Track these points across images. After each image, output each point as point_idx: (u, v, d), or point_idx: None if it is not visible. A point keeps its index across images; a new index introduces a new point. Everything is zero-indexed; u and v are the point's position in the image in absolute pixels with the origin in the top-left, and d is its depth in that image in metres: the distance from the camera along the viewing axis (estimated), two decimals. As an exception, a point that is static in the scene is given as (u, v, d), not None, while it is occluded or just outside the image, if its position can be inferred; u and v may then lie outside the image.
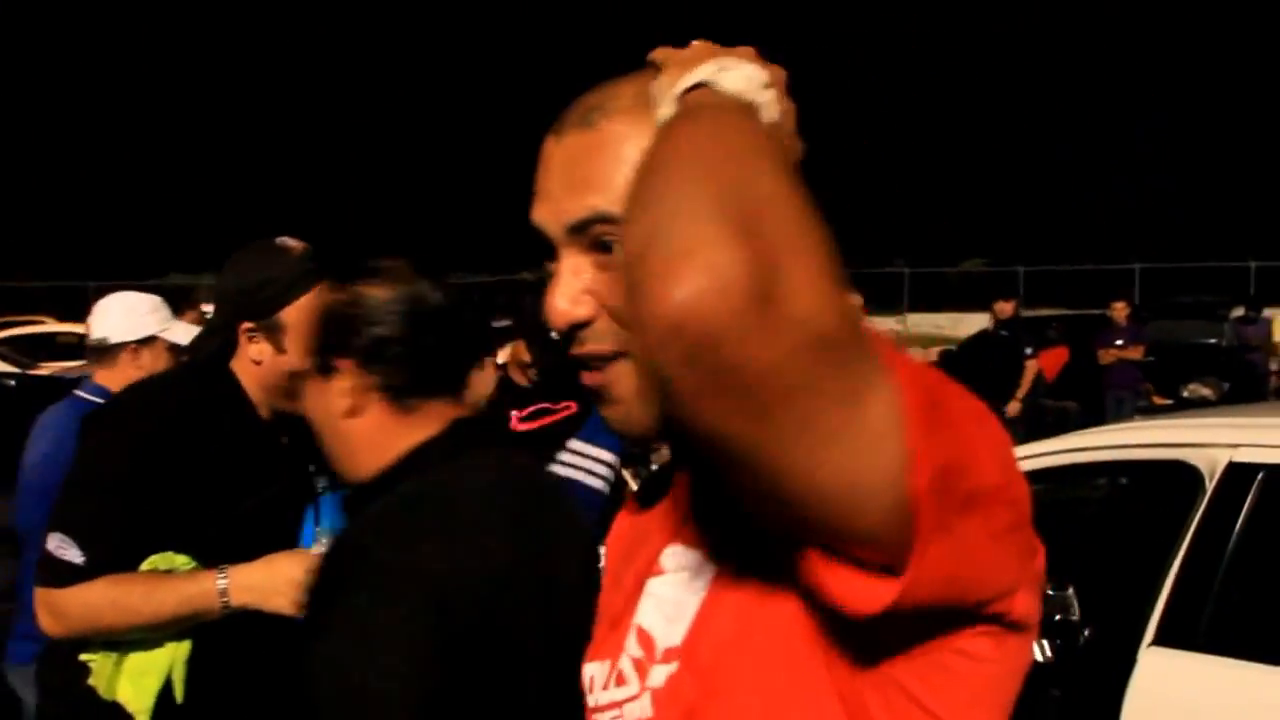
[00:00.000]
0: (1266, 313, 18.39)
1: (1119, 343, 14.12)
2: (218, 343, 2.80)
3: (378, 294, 1.86)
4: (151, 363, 4.27)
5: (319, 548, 2.60)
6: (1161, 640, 3.20)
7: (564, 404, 4.84)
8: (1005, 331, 11.86)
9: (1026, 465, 3.94)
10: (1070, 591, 4.12)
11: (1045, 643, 4.14)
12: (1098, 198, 44.62)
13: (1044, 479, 4.01)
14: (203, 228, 47.64)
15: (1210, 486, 3.30)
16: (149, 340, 4.31)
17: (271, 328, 2.71)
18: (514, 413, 4.80)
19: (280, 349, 2.70)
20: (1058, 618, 4.11)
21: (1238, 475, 3.27)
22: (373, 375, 1.83)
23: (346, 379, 1.84)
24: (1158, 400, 15.18)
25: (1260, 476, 3.24)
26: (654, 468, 4.50)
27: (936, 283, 37.11)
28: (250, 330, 2.72)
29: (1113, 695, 3.20)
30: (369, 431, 1.86)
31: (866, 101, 53.63)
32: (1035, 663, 3.93)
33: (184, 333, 4.32)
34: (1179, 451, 3.50)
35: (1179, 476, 3.43)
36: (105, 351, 4.28)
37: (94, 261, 40.88)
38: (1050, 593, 4.11)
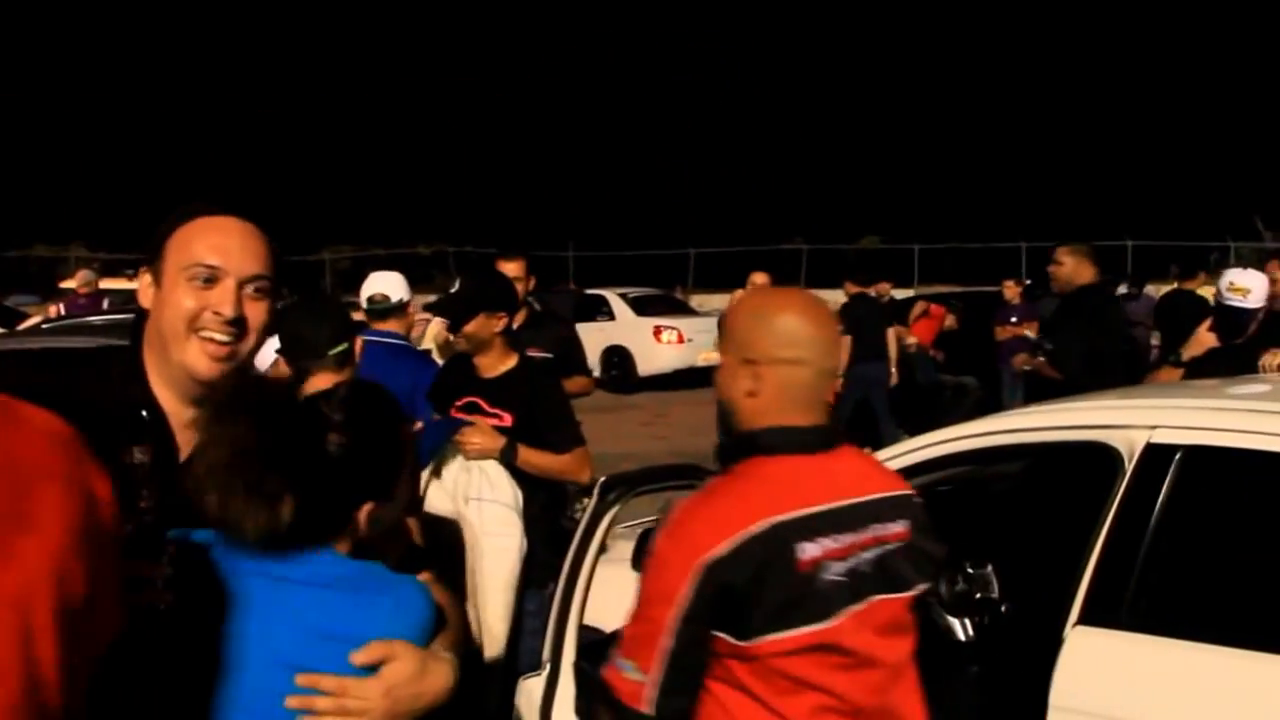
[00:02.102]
0: (1148, 289, 18.78)
1: (1013, 320, 14.43)
2: None
3: None
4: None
5: None
6: (1087, 619, 3.26)
7: (496, 410, 4.83)
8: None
9: (947, 448, 3.99)
10: (989, 569, 4.19)
11: (966, 620, 4.20)
12: (988, 179, 45.21)
13: (963, 461, 4.07)
14: (70, 200, 46.46)
15: (1129, 467, 3.36)
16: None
17: None
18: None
19: None
20: (978, 595, 4.18)
21: (1156, 456, 3.34)
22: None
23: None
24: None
25: (1178, 457, 3.30)
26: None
27: (834, 259, 37.49)
28: None
29: (1040, 674, 3.26)
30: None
31: (767, 81, 53.76)
32: (955, 640, 4.01)
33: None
34: (1098, 433, 3.56)
35: (1098, 457, 3.48)
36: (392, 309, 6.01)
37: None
38: (970, 570, 4.18)
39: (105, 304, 15.00)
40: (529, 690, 3.62)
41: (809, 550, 2.34)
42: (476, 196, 49.82)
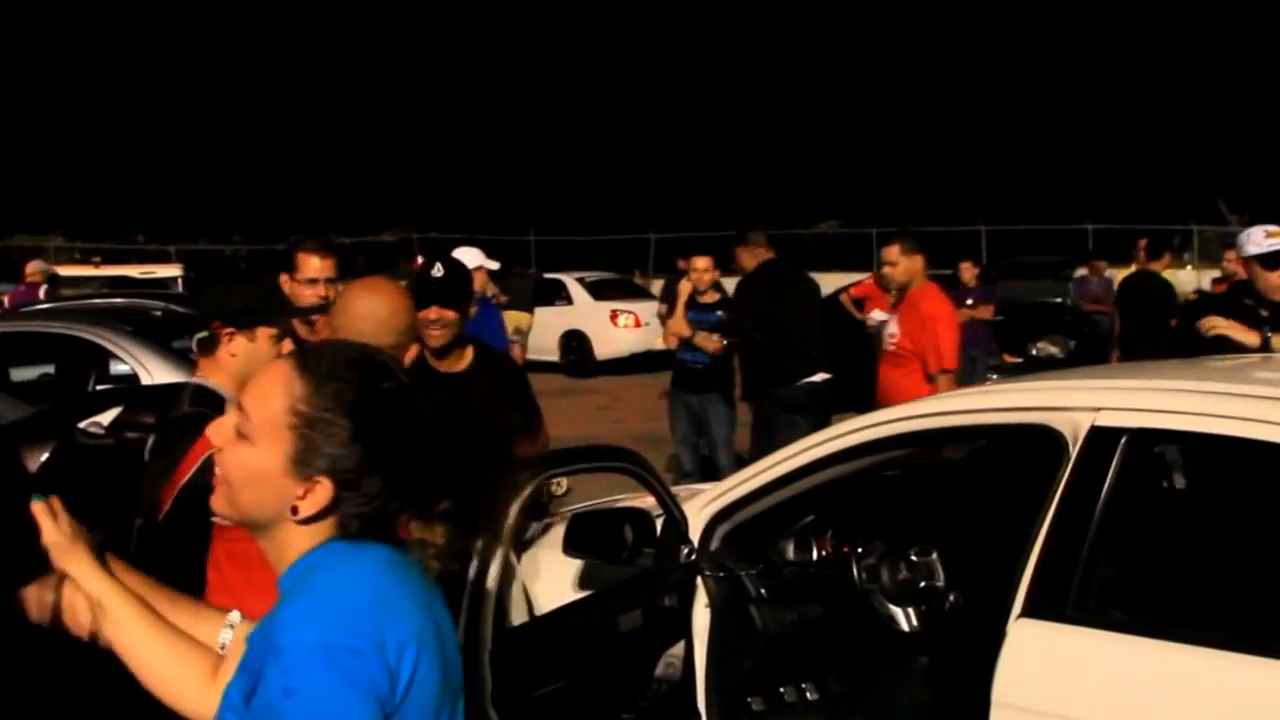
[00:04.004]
0: (1108, 272, 18.71)
1: (970, 302, 14.25)
2: None
3: None
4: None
5: None
6: (1030, 612, 3.11)
7: None
8: None
9: (889, 429, 3.83)
10: (934, 557, 4.05)
11: (910, 610, 4.06)
12: (946, 162, 45.20)
13: (906, 443, 3.91)
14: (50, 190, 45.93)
15: (1074, 452, 3.21)
16: None
17: None
18: None
19: None
20: (922, 584, 4.04)
21: (1101, 439, 3.18)
22: None
23: None
24: (1008, 358, 15.36)
25: (1124, 440, 3.15)
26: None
27: (793, 244, 37.34)
28: None
29: (983, 668, 3.11)
30: None
31: (725, 65, 53.64)
32: (899, 630, 3.87)
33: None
34: (1041, 415, 3.40)
35: (1042, 441, 3.32)
36: None
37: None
38: (915, 558, 4.04)
39: (41, 293, 14.83)
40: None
41: None
42: (439, 183, 49.47)
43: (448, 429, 1.88)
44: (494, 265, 9.37)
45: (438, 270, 4.58)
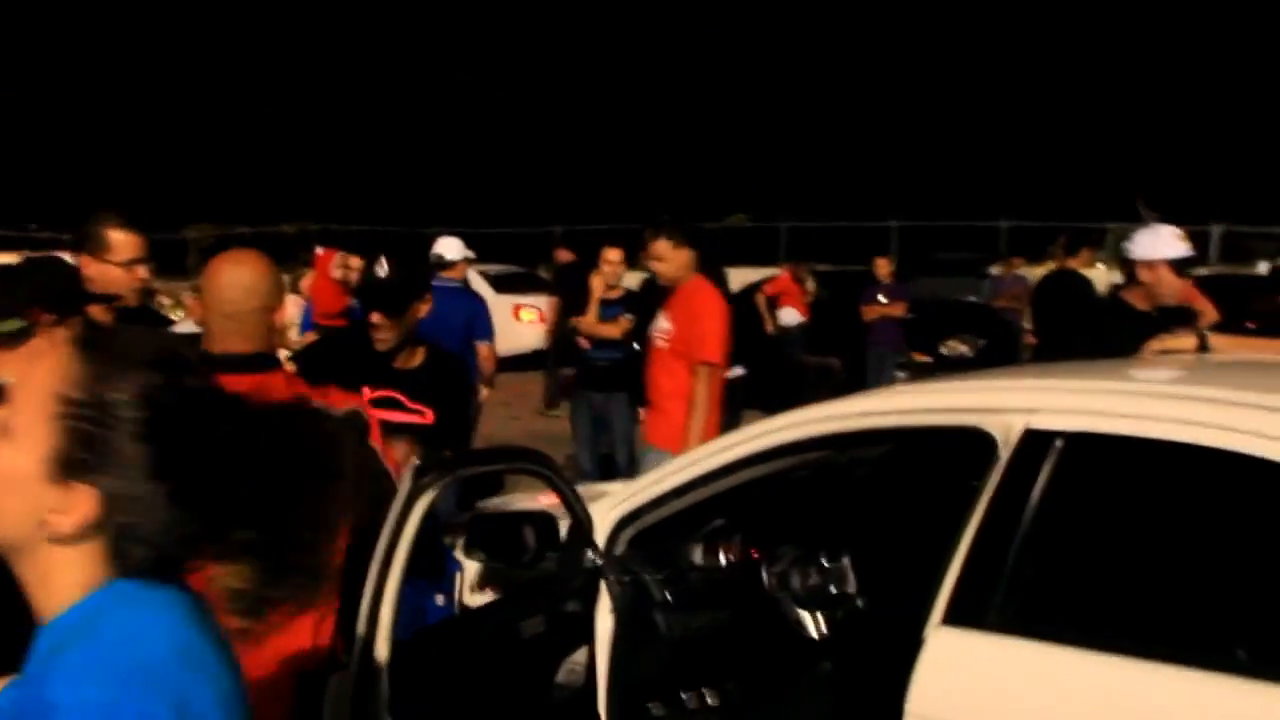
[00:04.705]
0: (1022, 270, 18.83)
1: (882, 299, 14.20)
2: None
3: None
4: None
5: None
6: (951, 619, 2.95)
7: (419, 407, 4.42)
8: None
9: (809, 430, 3.67)
10: (846, 562, 3.90)
11: (820, 616, 3.92)
12: (858, 155, 45.50)
13: (827, 445, 3.75)
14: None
15: (1005, 456, 3.05)
16: None
17: None
18: (366, 387, 4.31)
19: None
20: (833, 590, 3.90)
21: (1035, 443, 3.02)
22: None
23: None
24: (918, 357, 15.38)
25: (1059, 444, 2.99)
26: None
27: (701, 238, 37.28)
28: None
29: (897, 677, 2.95)
30: None
31: (631, 56, 53.66)
32: (806, 638, 3.74)
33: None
34: (971, 416, 3.23)
35: (971, 444, 3.16)
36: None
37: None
38: (825, 563, 3.89)
39: None
40: (335, 689, 3.26)
41: None
42: (339, 174, 48.98)
43: (261, 440, 1.51)
44: (473, 255, 9.43)
45: (382, 269, 4.37)
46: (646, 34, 54.24)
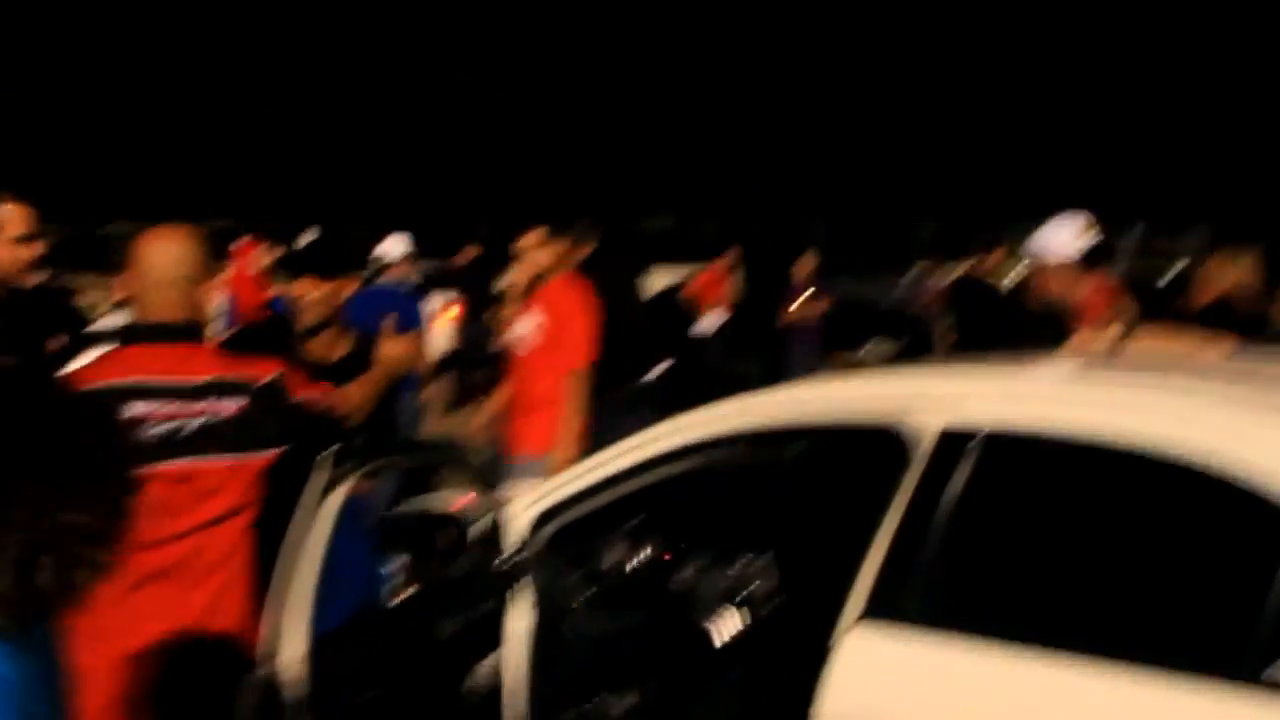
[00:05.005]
0: (938, 272, 18.87)
1: (800, 300, 14.12)
2: None
3: None
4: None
5: None
6: (867, 614, 2.92)
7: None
8: None
9: (723, 426, 3.62)
10: (761, 563, 3.87)
11: (732, 617, 3.87)
12: (782, 155, 45.59)
13: (731, 444, 3.68)
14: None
15: (920, 455, 3.00)
16: None
17: None
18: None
19: None
20: (746, 591, 3.86)
21: (951, 443, 2.97)
22: None
23: None
24: (838, 358, 15.39)
25: (976, 444, 2.95)
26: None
27: (625, 238, 37.21)
28: None
29: (807, 679, 2.92)
30: None
31: (559, 53, 53.53)
32: (719, 640, 3.71)
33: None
34: (885, 416, 3.18)
35: (884, 444, 3.10)
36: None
37: None
38: (739, 564, 3.86)
39: None
40: (250, 688, 3.22)
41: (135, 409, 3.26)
42: (266, 169, 48.36)
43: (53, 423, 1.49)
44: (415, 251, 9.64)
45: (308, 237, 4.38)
46: (566, 32, 54.21)
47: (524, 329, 6.40)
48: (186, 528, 3.28)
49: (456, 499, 4.07)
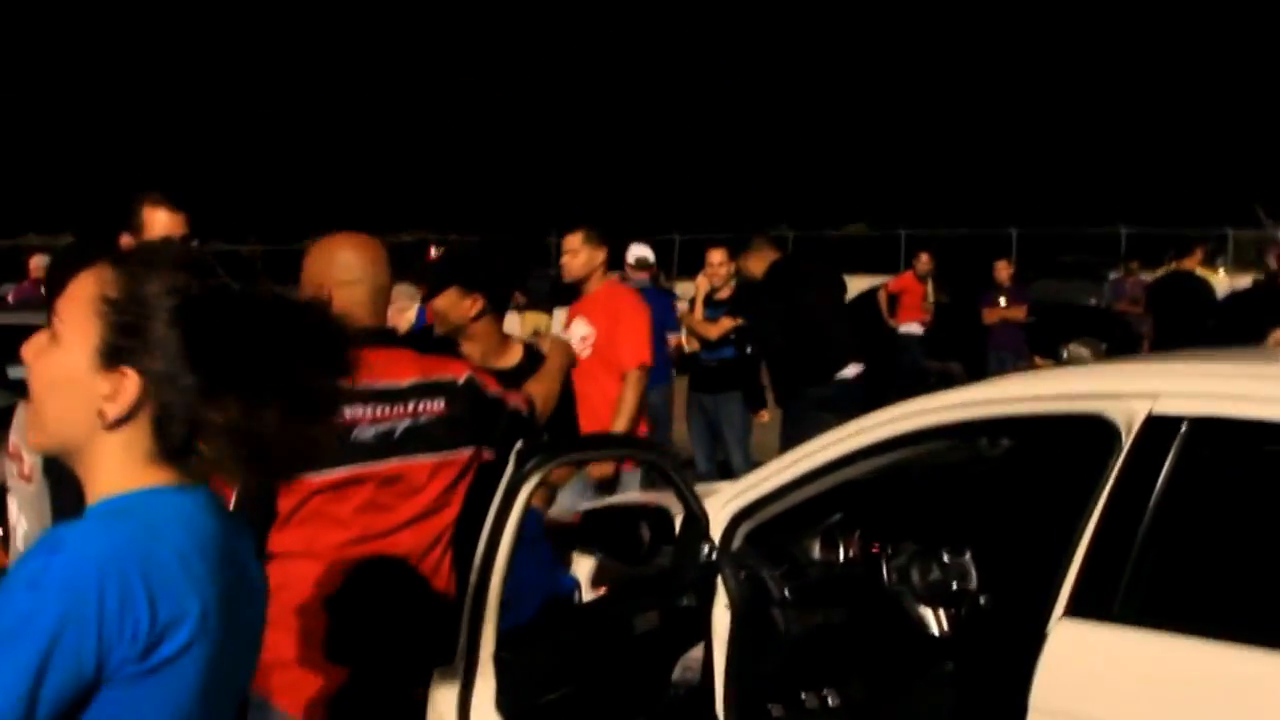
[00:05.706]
0: (1142, 274, 18.45)
1: (1003, 302, 14.01)
2: None
3: None
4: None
5: None
6: (1074, 611, 2.87)
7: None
8: None
9: (924, 421, 3.60)
10: (968, 557, 3.82)
11: (941, 612, 3.84)
12: (976, 162, 44.86)
13: (942, 436, 3.67)
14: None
15: (1127, 442, 2.96)
16: None
17: None
18: None
19: None
20: (955, 585, 3.82)
21: (1158, 429, 2.93)
22: None
23: None
24: (1039, 361, 15.13)
25: (1184, 430, 2.90)
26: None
27: (821, 245, 37.07)
28: None
29: (1020, 672, 2.88)
30: None
31: (756, 65, 53.50)
32: (929, 635, 3.67)
33: None
34: (1091, 403, 3.15)
35: (1091, 431, 3.08)
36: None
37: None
38: (947, 559, 3.81)
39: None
40: (441, 685, 3.27)
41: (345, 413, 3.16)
42: (458, 184, 49.41)
43: (277, 327, 1.65)
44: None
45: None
46: (768, 47, 54.07)
47: (582, 333, 6.34)
48: (391, 525, 3.30)
49: (649, 495, 4.10)
